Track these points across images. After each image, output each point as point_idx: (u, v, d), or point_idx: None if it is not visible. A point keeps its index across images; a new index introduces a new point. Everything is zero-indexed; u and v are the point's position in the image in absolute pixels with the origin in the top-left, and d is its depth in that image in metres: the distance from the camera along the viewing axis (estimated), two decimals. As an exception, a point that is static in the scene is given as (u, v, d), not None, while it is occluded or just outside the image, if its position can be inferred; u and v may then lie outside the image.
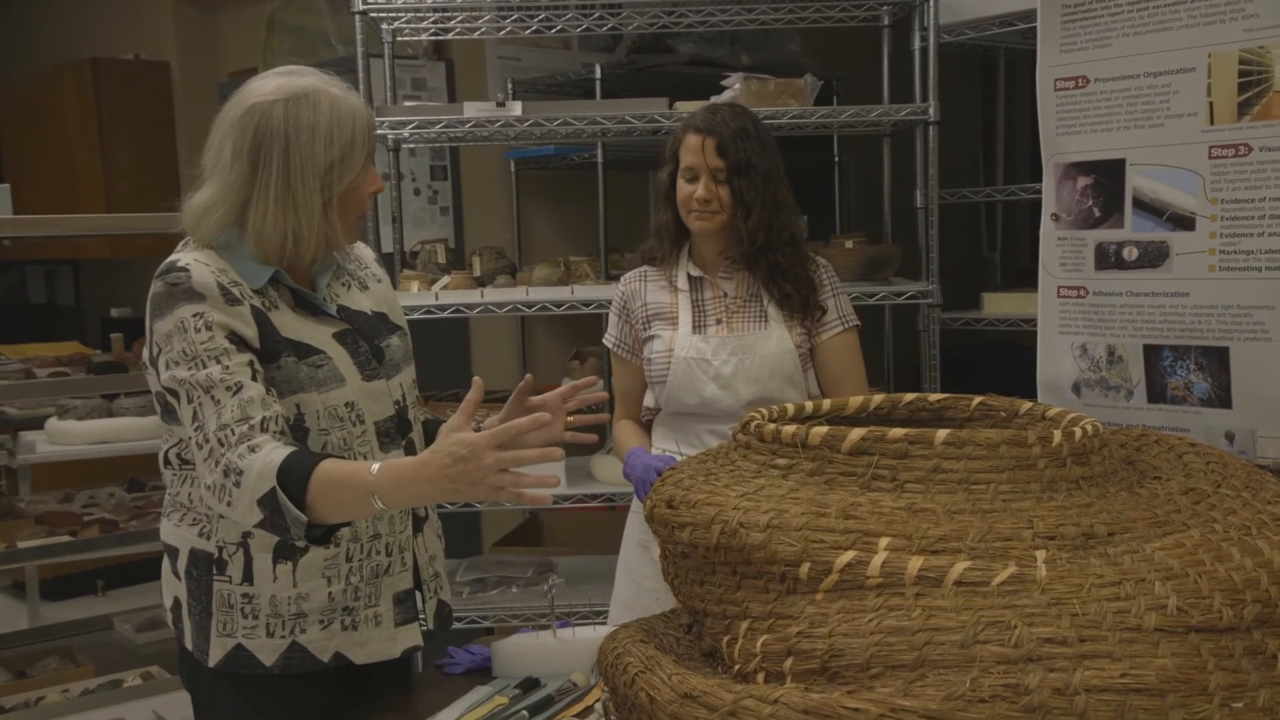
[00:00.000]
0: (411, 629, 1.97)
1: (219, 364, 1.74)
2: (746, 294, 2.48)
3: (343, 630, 1.89)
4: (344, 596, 1.89)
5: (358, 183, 1.87)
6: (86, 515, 3.75)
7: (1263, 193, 2.35)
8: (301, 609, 1.86)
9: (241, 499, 1.70)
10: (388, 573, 1.93)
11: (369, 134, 1.86)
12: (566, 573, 3.51)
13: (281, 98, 1.81)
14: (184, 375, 1.75)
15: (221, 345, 1.75)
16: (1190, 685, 1.09)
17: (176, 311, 1.77)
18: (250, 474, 1.69)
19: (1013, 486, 1.29)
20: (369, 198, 1.91)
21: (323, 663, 1.89)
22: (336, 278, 1.99)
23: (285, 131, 1.80)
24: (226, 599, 1.87)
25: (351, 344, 1.91)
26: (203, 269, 1.79)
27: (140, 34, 5.66)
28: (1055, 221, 2.69)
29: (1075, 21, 2.62)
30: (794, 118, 3.25)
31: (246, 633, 1.86)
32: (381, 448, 1.91)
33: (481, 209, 4.60)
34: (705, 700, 1.19)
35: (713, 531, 1.31)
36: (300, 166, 1.81)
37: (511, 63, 4.26)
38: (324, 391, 1.84)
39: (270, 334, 1.82)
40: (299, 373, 1.82)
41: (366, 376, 1.90)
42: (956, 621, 1.14)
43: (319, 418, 1.84)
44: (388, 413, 1.93)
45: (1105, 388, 2.64)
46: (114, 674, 3.70)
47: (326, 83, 1.86)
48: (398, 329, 2.04)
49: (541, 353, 4.59)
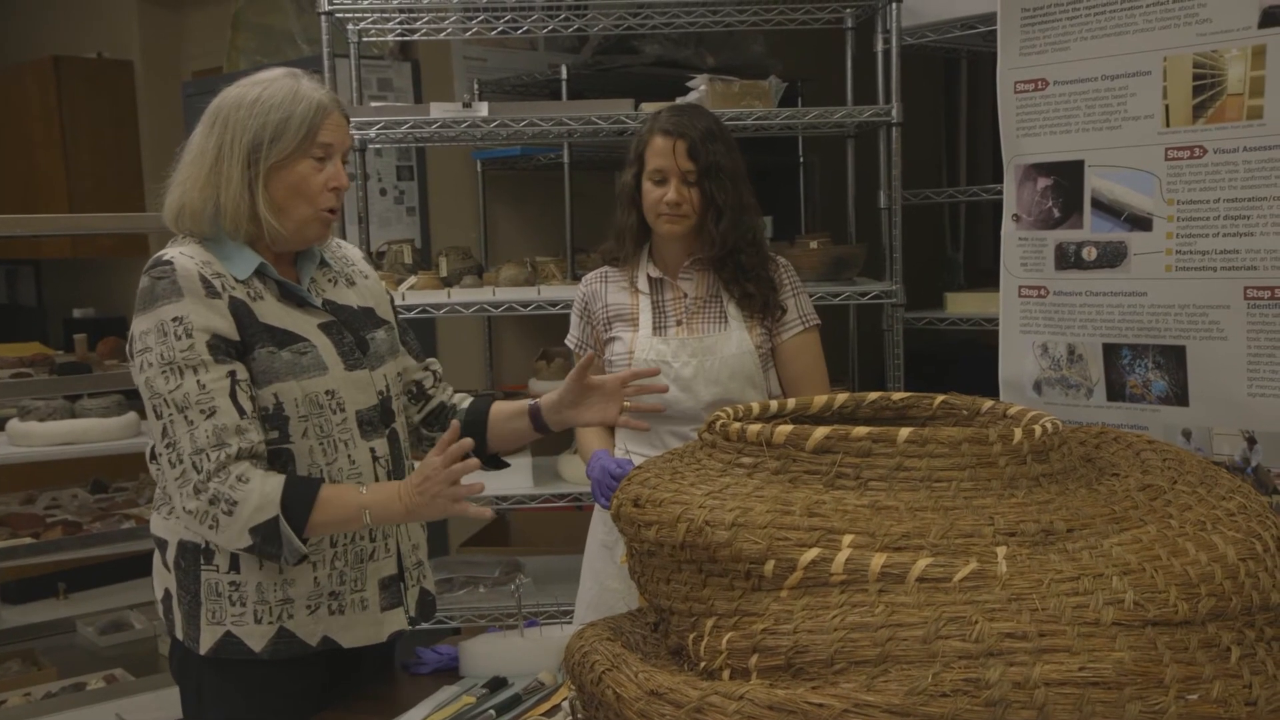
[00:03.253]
0: (397, 614, 2.01)
1: (195, 378, 1.80)
2: (707, 295, 2.49)
3: (330, 615, 1.93)
4: (330, 582, 1.93)
5: (298, 168, 1.88)
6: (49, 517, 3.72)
7: (1217, 194, 2.39)
8: (288, 595, 1.90)
9: (232, 526, 1.79)
10: (372, 558, 1.97)
11: (318, 119, 1.88)
12: (534, 572, 3.52)
13: (244, 84, 1.91)
14: (159, 387, 1.81)
15: (200, 356, 1.80)
16: (1147, 678, 1.11)
17: (157, 310, 1.82)
18: (246, 504, 1.78)
19: (974, 484, 1.30)
20: (324, 191, 1.91)
21: (311, 647, 1.92)
22: (323, 274, 2.03)
23: (228, 107, 1.89)
24: (214, 587, 1.90)
25: (336, 334, 1.95)
26: (187, 261, 1.84)
27: (103, 32, 5.61)
28: (1016, 222, 2.72)
29: (1034, 25, 2.65)
30: (759, 119, 3.27)
31: (235, 620, 1.90)
32: (363, 436, 1.95)
33: (448, 209, 4.59)
34: (671, 697, 1.20)
35: (678, 530, 1.32)
36: (232, 138, 1.87)
37: (477, 63, 4.26)
38: (304, 379, 1.88)
39: (249, 325, 1.85)
40: (275, 363, 1.86)
41: (349, 366, 1.94)
42: (919, 617, 1.15)
43: (298, 405, 1.88)
44: (370, 402, 1.97)
45: (1066, 386, 2.67)
46: (77, 677, 3.67)
47: (296, 76, 1.92)
48: (384, 323, 2.07)
49: (508, 353, 4.59)
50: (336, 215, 1.96)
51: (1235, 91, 2.35)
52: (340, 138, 1.92)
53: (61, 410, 3.58)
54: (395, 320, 2.13)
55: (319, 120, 1.88)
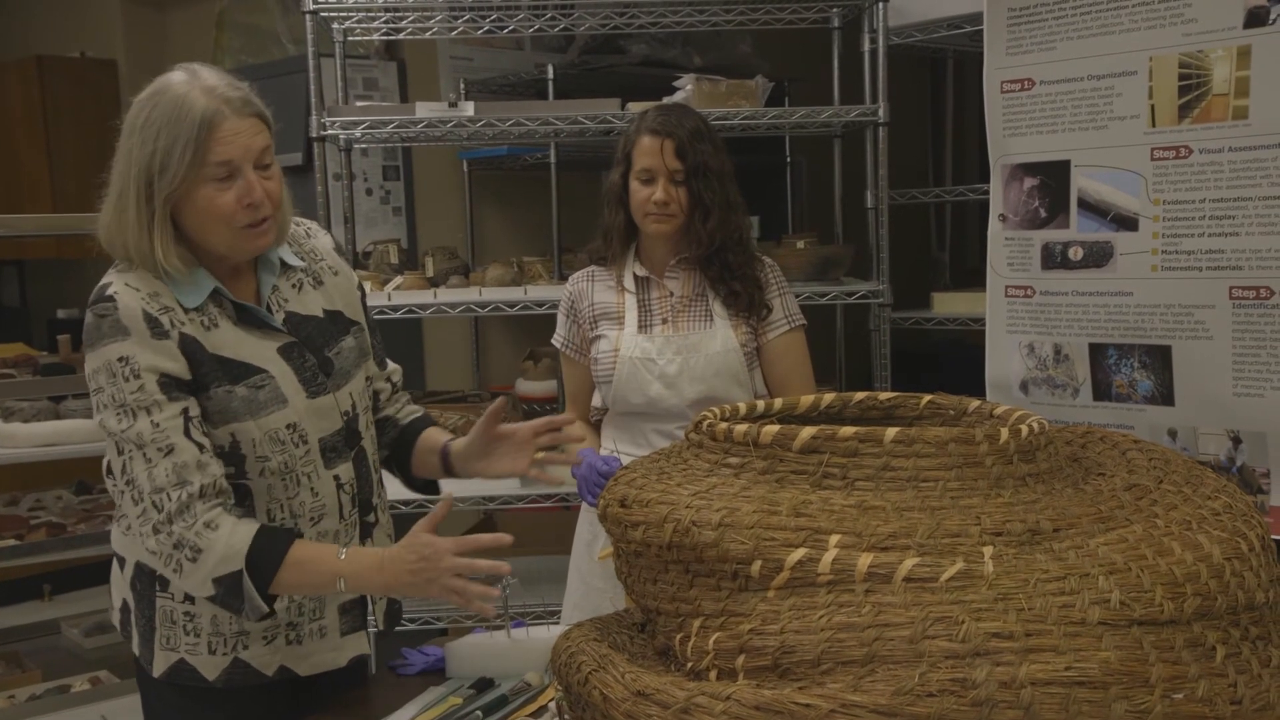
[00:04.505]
0: (358, 638, 1.96)
1: (149, 418, 1.70)
2: (692, 293, 2.49)
3: (287, 644, 1.88)
4: (287, 613, 1.87)
5: (199, 194, 1.70)
6: (33, 519, 3.70)
7: (1203, 194, 2.39)
8: (243, 627, 1.84)
9: (196, 574, 1.71)
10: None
11: (204, 137, 1.67)
12: (521, 573, 3.48)
13: (142, 98, 1.75)
14: (114, 427, 1.72)
15: (151, 396, 1.70)
16: (1133, 677, 1.11)
17: (103, 349, 1.71)
18: (211, 554, 1.69)
19: (961, 484, 1.30)
20: (237, 210, 1.72)
21: (267, 676, 1.88)
22: (286, 279, 1.90)
23: (124, 133, 1.74)
24: (169, 615, 1.85)
25: (297, 359, 1.85)
26: (131, 296, 1.72)
27: (87, 31, 5.58)
28: (1002, 222, 2.72)
29: (1021, 25, 2.65)
30: (746, 119, 3.27)
31: (189, 648, 1.85)
32: (326, 465, 1.87)
33: (434, 209, 4.58)
34: (658, 698, 1.20)
35: (665, 530, 1.32)
36: (126, 172, 1.72)
37: (464, 63, 4.25)
38: (261, 417, 1.78)
39: (201, 362, 1.75)
40: (232, 402, 1.76)
41: (311, 394, 1.84)
42: (905, 617, 1.15)
43: (255, 445, 1.79)
44: (334, 427, 1.88)
45: (1052, 386, 2.68)
46: (61, 679, 3.66)
47: (192, 76, 1.72)
48: (353, 325, 1.96)
49: (495, 353, 4.58)
50: (269, 224, 1.77)
51: (1221, 92, 2.35)
52: (240, 147, 1.70)
53: (46, 411, 3.56)
54: (366, 319, 2.01)
55: (205, 137, 1.67)
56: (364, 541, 1.96)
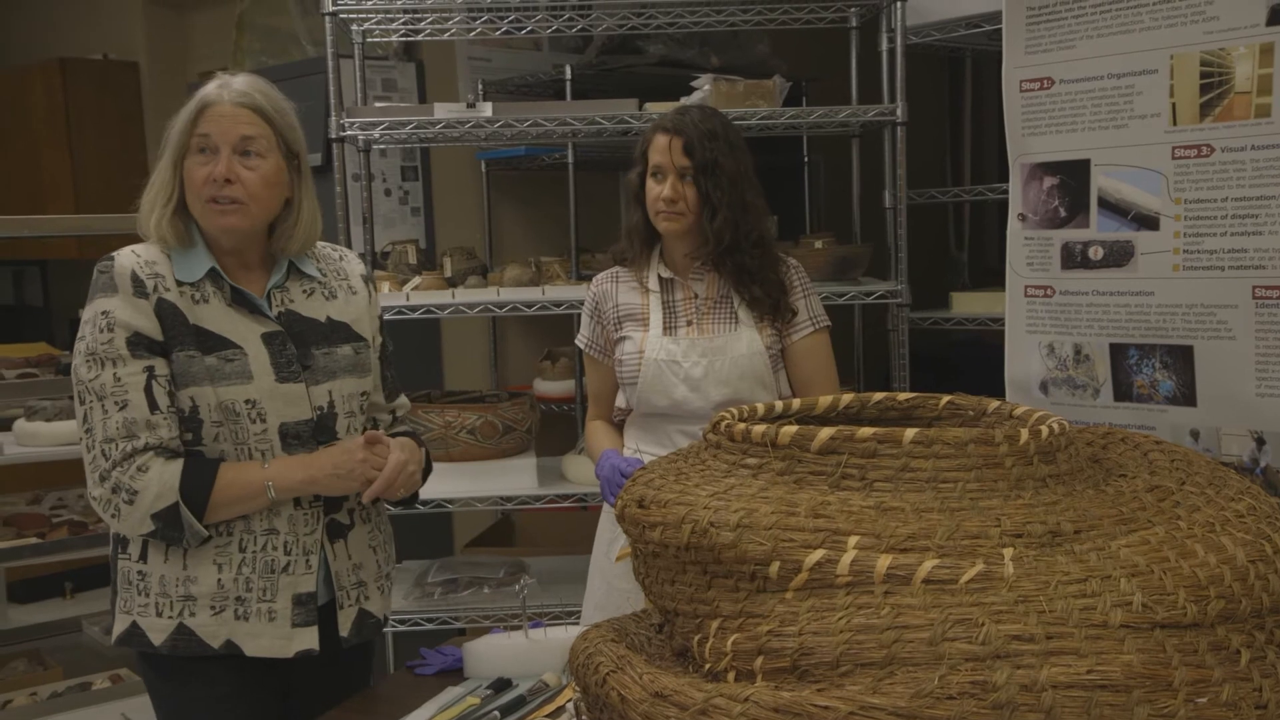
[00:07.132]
0: (309, 632, 1.98)
1: (113, 370, 1.86)
2: (717, 295, 2.49)
3: (235, 619, 1.93)
4: (235, 586, 1.93)
5: (186, 162, 1.94)
6: (55, 517, 3.72)
7: (1225, 193, 2.38)
8: (190, 592, 1.91)
9: (133, 514, 1.85)
10: (286, 571, 1.96)
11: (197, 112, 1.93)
12: (539, 573, 3.51)
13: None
14: (82, 375, 1.89)
15: (118, 351, 1.86)
16: (1155, 681, 1.10)
17: (94, 303, 1.90)
18: (147, 493, 1.84)
19: (980, 485, 1.30)
20: (206, 182, 1.92)
21: (213, 648, 1.92)
22: (298, 284, 2.03)
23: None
24: (127, 575, 1.95)
25: (278, 345, 1.96)
26: (129, 259, 1.92)
27: (109, 34, 5.62)
28: (1022, 221, 2.71)
29: (1040, 23, 2.64)
30: (763, 118, 3.26)
31: (140, 610, 1.93)
32: (285, 448, 1.95)
33: (452, 210, 4.59)
34: (676, 699, 1.20)
35: (683, 531, 1.31)
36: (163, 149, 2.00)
37: (482, 63, 4.26)
38: (221, 386, 1.90)
39: (175, 327, 1.89)
40: (193, 367, 1.89)
41: (282, 378, 1.94)
42: (925, 619, 1.14)
43: (211, 410, 1.90)
44: (301, 416, 1.97)
45: (1072, 386, 2.66)
46: (83, 676, 3.67)
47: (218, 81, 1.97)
48: (358, 339, 2.06)
49: (513, 353, 4.59)
50: (236, 206, 1.93)
51: (1243, 89, 2.34)
52: (221, 129, 1.92)
53: (68, 410, 3.57)
54: (377, 344, 2.12)
55: (198, 113, 1.93)
56: (332, 544, 2.02)
